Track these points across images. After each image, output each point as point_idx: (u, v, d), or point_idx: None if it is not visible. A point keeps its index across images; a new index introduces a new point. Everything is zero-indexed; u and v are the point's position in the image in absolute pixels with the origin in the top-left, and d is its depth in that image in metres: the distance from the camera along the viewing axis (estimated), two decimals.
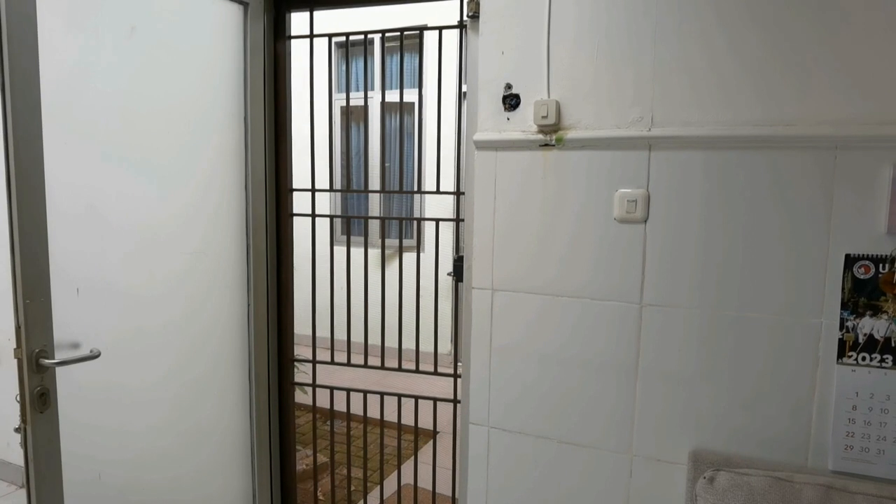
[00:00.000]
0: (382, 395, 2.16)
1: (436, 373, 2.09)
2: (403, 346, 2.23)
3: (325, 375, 2.41)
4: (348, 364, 2.21)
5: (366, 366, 2.17)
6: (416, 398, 2.12)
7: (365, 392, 2.19)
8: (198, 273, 1.82)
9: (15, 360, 1.34)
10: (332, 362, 2.24)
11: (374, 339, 2.37)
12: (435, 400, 2.11)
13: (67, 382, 1.44)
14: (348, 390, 2.21)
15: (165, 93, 1.67)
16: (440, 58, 1.94)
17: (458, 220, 1.98)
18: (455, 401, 1.98)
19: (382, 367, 2.15)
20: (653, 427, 1.40)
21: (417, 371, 2.10)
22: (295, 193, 2.12)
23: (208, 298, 1.87)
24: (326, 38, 2.08)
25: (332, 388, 2.25)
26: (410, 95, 4.39)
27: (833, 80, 1.20)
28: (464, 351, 1.62)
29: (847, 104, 1.20)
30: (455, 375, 1.99)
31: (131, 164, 1.60)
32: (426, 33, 2.09)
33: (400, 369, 2.14)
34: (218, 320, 1.91)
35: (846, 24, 1.18)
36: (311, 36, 2.06)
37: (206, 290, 1.85)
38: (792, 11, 1.22)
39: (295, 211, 2.11)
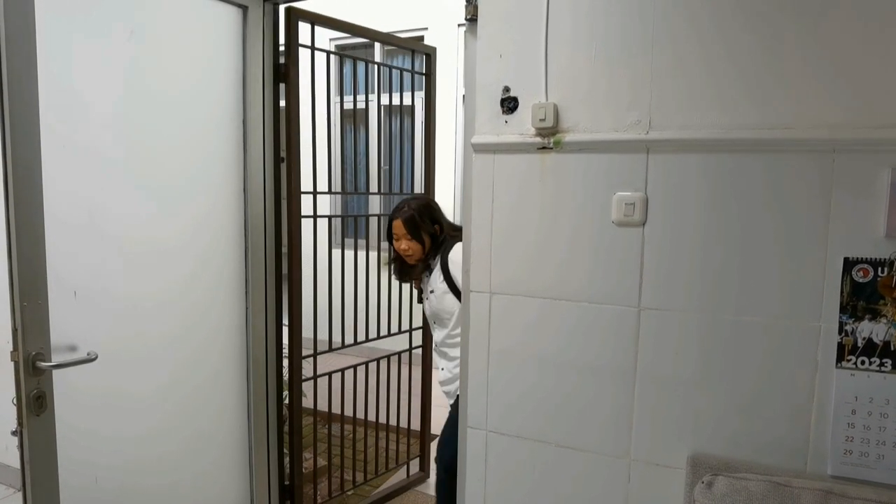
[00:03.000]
0: (378, 360, 2.67)
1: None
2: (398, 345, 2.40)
3: (322, 380, 2.45)
4: (343, 346, 2.57)
5: (361, 342, 2.59)
6: (399, 354, 2.71)
7: (366, 363, 2.62)
8: (197, 279, 1.82)
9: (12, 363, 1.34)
10: (330, 350, 2.50)
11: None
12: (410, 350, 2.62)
13: (65, 386, 1.44)
14: (340, 371, 2.60)
15: (164, 95, 1.68)
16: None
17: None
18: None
19: (378, 337, 2.65)
20: (651, 431, 1.39)
21: (399, 332, 2.68)
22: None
23: (209, 304, 1.86)
24: (328, 41, 2.10)
25: (329, 374, 2.52)
26: (411, 98, 4.38)
27: (831, 84, 1.20)
28: (462, 355, 1.61)
29: (845, 107, 1.19)
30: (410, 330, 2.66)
31: (131, 170, 1.61)
32: (426, 36, 2.11)
33: (389, 334, 2.70)
34: (220, 323, 1.91)
35: (844, 27, 1.18)
36: (313, 49, 2.08)
37: (204, 295, 1.85)
38: (789, 15, 1.22)
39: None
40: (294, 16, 2.04)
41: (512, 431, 1.54)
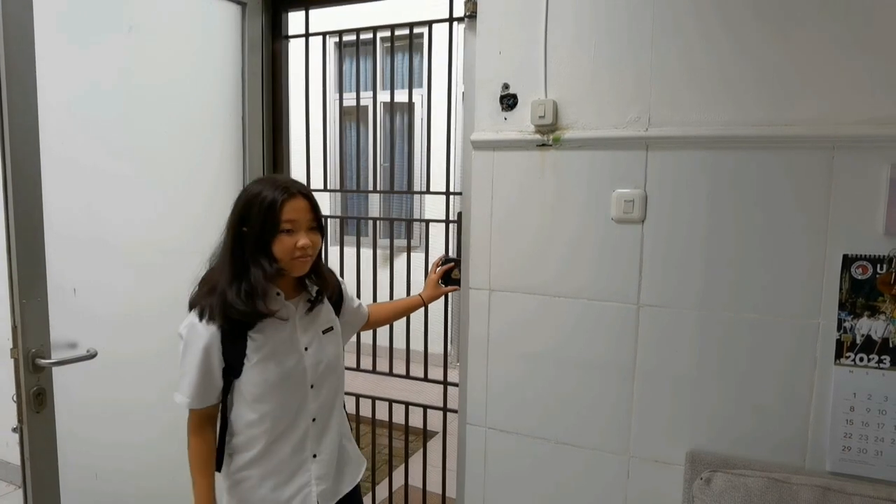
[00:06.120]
0: (374, 399, 2.18)
1: (426, 379, 2.10)
2: (398, 348, 2.24)
3: None
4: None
5: (357, 368, 2.15)
6: (407, 405, 2.12)
7: (357, 396, 2.20)
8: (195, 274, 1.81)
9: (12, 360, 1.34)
10: None
11: (366, 339, 2.37)
12: (425, 407, 2.12)
13: (64, 383, 1.44)
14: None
15: (163, 91, 1.67)
16: (430, 55, 1.93)
17: (447, 221, 2.02)
18: (445, 409, 2.02)
19: (374, 372, 2.18)
20: (650, 428, 1.39)
21: (408, 376, 2.11)
22: None
23: None
24: (322, 37, 2.08)
25: None
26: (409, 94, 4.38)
27: (831, 81, 1.20)
28: (461, 352, 1.61)
29: (845, 104, 1.19)
30: (445, 383, 2.03)
31: (131, 167, 1.60)
32: (424, 33, 2.08)
33: (391, 374, 2.16)
34: None
35: (845, 24, 1.18)
36: (307, 35, 2.05)
37: None
38: (791, 12, 1.21)
39: None
40: (282, 4, 2.00)
41: (511, 428, 1.54)
